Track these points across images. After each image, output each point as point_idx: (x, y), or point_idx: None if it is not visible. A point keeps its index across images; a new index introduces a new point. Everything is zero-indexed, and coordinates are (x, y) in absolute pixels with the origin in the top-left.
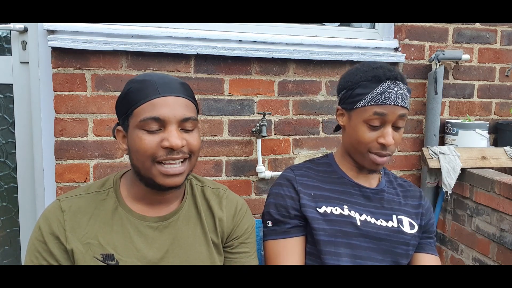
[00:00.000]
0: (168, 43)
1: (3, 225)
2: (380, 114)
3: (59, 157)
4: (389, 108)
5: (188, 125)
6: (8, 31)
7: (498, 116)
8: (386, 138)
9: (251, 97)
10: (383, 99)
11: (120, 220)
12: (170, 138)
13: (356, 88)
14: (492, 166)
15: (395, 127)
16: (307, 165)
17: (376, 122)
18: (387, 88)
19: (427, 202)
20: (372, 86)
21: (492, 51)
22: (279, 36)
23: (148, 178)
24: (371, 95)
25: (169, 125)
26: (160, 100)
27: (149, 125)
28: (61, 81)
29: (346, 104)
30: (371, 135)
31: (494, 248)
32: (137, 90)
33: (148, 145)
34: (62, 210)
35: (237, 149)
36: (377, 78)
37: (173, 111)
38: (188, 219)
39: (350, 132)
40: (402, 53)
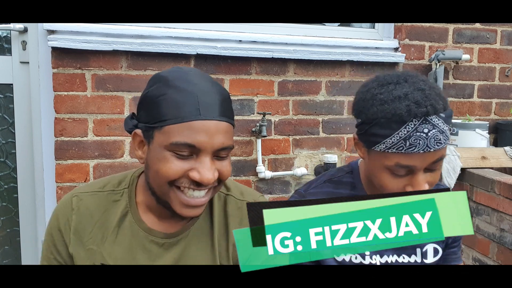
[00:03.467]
0: (168, 43)
1: (3, 225)
2: (404, 167)
3: (59, 157)
4: (417, 158)
5: (223, 154)
6: (8, 31)
7: (498, 116)
8: (415, 188)
9: (251, 97)
10: (407, 147)
11: (126, 230)
12: (201, 170)
13: (372, 125)
14: (492, 166)
15: (430, 170)
16: (326, 188)
17: (401, 172)
18: (414, 132)
19: None
20: (393, 127)
21: (492, 51)
22: (279, 36)
23: (164, 202)
24: (391, 140)
25: (204, 154)
26: (199, 124)
27: (181, 150)
28: (61, 81)
29: (362, 139)
30: (395, 183)
31: (494, 248)
32: (173, 102)
33: (173, 170)
34: (72, 207)
35: (237, 149)
36: (398, 118)
37: (211, 139)
38: (199, 237)
39: (371, 172)
40: (402, 53)
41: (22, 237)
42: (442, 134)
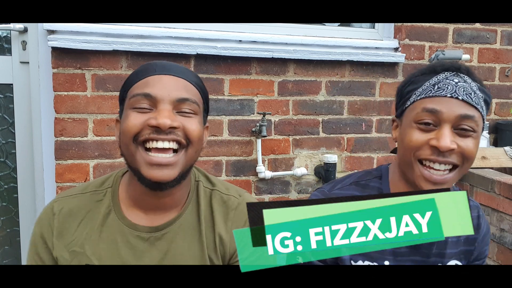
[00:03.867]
0: (168, 43)
1: (3, 225)
2: (430, 111)
3: (59, 157)
4: (444, 102)
5: (186, 107)
6: (8, 31)
7: (498, 116)
8: (440, 139)
9: (251, 97)
10: (436, 90)
11: (110, 228)
12: (158, 115)
13: (407, 85)
14: (492, 166)
15: (460, 129)
16: (352, 191)
17: (427, 119)
18: (444, 79)
19: (484, 228)
20: (425, 78)
21: (492, 51)
22: (279, 36)
23: (135, 170)
24: (422, 88)
25: (161, 103)
26: (155, 78)
27: (139, 102)
28: (61, 81)
29: (399, 111)
30: (420, 136)
31: (494, 248)
32: (135, 72)
33: (132, 122)
34: (53, 212)
35: (237, 149)
36: (431, 69)
37: (167, 90)
38: (186, 231)
39: (399, 142)
40: (402, 53)
41: (22, 237)
42: (474, 93)
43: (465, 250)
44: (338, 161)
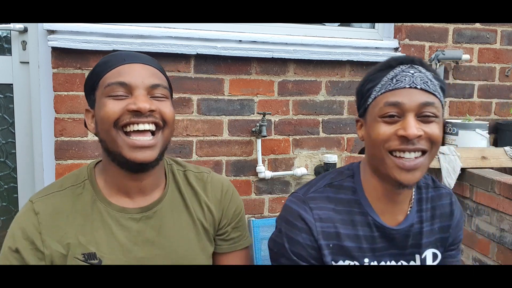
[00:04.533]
0: (168, 43)
1: (3, 225)
2: (393, 104)
3: (59, 157)
4: (404, 93)
5: (158, 92)
6: (8, 31)
7: (498, 116)
8: (407, 128)
9: (251, 97)
10: (394, 83)
11: (100, 215)
12: (137, 101)
13: (366, 84)
14: (492, 166)
15: (423, 116)
16: (326, 193)
17: (391, 112)
18: (400, 72)
19: (457, 214)
20: (382, 74)
21: (492, 51)
22: (279, 36)
23: (116, 154)
24: (381, 84)
25: (136, 90)
26: (126, 67)
27: (114, 90)
28: (61, 81)
29: (361, 109)
30: (387, 129)
31: (494, 248)
32: (103, 62)
33: (111, 109)
34: (36, 212)
35: (237, 149)
36: (387, 65)
37: (140, 77)
38: (172, 207)
39: (367, 139)
40: (402, 53)
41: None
42: (430, 81)
43: (441, 237)
44: (338, 161)
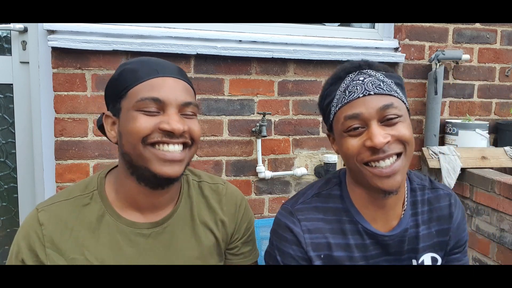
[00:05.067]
0: (168, 43)
1: (3, 225)
2: (352, 116)
3: (59, 157)
4: (360, 103)
5: (189, 111)
6: (8, 31)
7: (498, 116)
8: (373, 138)
9: (251, 97)
10: (348, 96)
11: (108, 229)
12: (170, 121)
13: (324, 100)
14: (492, 166)
15: (386, 120)
16: (314, 203)
17: (353, 125)
18: (350, 81)
19: (458, 216)
20: (335, 88)
21: (492, 51)
22: (279, 36)
23: (142, 168)
24: (336, 98)
25: (170, 107)
26: (159, 80)
27: (147, 106)
28: (61, 81)
29: (327, 126)
30: (354, 142)
31: (494, 248)
32: (133, 71)
33: (143, 125)
34: (40, 223)
35: (237, 149)
36: (336, 77)
37: (174, 94)
38: (183, 222)
39: (341, 154)
40: (402, 53)
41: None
42: (383, 82)
43: (439, 241)
44: (338, 161)
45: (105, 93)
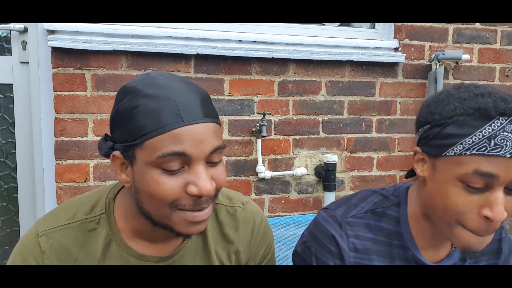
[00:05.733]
0: (168, 43)
1: (3, 225)
2: (485, 175)
3: (59, 157)
4: (502, 164)
5: (216, 157)
6: (8, 31)
7: None
8: (494, 210)
9: (251, 97)
10: (492, 147)
11: (114, 260)
12: (199, 182)
13: (447, 125)
14: None
15: (510, 189)
16: (367, 220)
17: (478, 183)
18: (500, 131)
19: (505, 251)
20: (475, 125)
21: (492, 51)
22: (279, 36)
23: (164, 225)
24: (472, 139)
25: (197, 163)
26: (184, 130)
27: (170, 164)
28: (61, 81)
29: (429, 147)
30: (468, 201)
31: None
32: (150, 112)
33: (168, 192)
34: (42, 250)
35: (237, 149)
36: (483, 113)
37: (201, 145)
38: (194, 254)
39: (434, 191)
40: (402, 53)
41: None
42: None
43: None
44: (338, 161)
45: (111, 122)
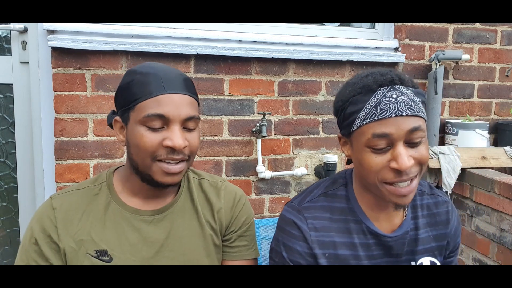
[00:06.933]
0: (168, 43)
1: (3, 225)
2: (380, 135)
3: (59, 157)
4: (391, 123)
5: (191, 124)
6: (8, 31)
7: (498, 116)
8: (399, 161)
9: (251, 97)
10: (379, 113)
11: (113, 215)
12: (173, 138)
13: (347, 106)
14: (492, 166)
15: (411, 143)
16: (321, 202)
17: (380, 145)
18: (383, 98)
19: (455, 222)
20: (364, 100)
21: (492, 51)
22: (279, 36)
23: (146, 175)
24: (364, 112)
25: (173, 123)
26: (165, 97)
27: (152, 122)
28: (61, 81)
29: (343, 130)
30: (378, 160)
31: (494, 248)
32: (141, 84)
33: (149, 143)
34: (53, 208)
35: (237, 149)
36: (367, 88)
37: (178, 110)
38: (183, 211)
39: (357, 162)
40: (402, 53)
41: (22, 237)
42: (413, 102)
43: (438, 246)
44: (338, 161)
45: (115, 97)
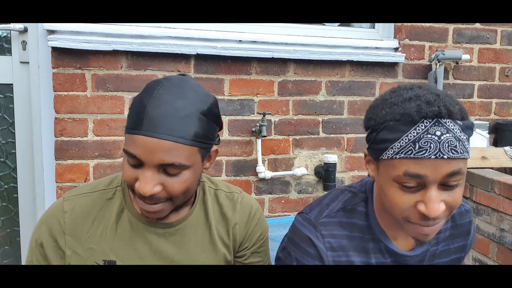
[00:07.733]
0: (168, 43)
1: (3, 225)
2: (415, 176)
3: (59, 157)
4: (428, 165)
5: (171, 170)
6: (8, 31)
7: (498, 116)
8: (429, 207)
9: (251, 97)
10: (417, 151)
11: (125, 224)
12: (141, 182)
13: (380, 130)
14: (492, 166)
15: (446, 186)
16: (340, 218)
17: (411, 183)
18: (424, 134)
19: (472, 233)
20: (402, 130)
21: (492, 51)
22: (279, 36)
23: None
24: (400, 144)
25: (146, 167)
26: (139, 139)
27: (129, 158)
28: (61, 81)
29: (371, 151)
30: (405, 199)
31: (494, 248)
32: (131, 111)
33: (127, 176)
34: (64, 211)
35: (237, 149)
36: (408, 118)
37: (150, 155)
38: (196, 226)
39: (380, 190)
40: (402, 53)
41: (22, 237)
42: (459, 142)
43: (457, 258)
44: (338, 161)
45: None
